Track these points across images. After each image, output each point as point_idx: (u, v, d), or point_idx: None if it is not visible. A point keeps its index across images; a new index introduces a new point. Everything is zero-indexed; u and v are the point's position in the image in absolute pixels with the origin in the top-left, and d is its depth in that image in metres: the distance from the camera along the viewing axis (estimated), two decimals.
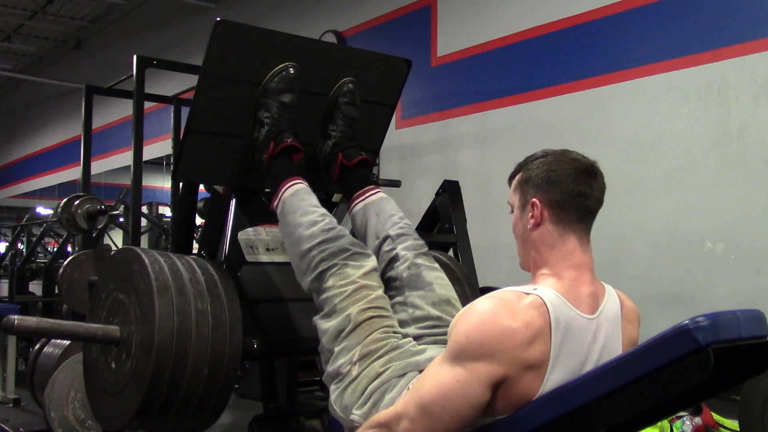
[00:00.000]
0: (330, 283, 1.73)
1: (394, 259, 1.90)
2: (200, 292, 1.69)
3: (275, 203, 1.95)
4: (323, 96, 2.16)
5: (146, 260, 1.67)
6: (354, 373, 1.60)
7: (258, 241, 2.15)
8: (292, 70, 2.04)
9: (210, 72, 2.01)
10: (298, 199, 1.92)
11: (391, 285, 1.87)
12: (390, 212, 2.02)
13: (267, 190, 2.22)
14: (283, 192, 1.94)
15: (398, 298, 1.84)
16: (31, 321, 1.63)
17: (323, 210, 1.90)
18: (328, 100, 2.17)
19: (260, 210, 2.22)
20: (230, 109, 2.05)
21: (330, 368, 1.66)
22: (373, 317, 1.67)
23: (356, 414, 1.56)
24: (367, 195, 2.06)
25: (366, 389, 1.57)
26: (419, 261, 1.89)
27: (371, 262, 1.80)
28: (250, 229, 2.17)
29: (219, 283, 1.75)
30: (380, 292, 1.75)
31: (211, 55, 2.00)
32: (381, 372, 1.58)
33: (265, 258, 2.13)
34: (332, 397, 1.64)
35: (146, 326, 1.61)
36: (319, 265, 1.76)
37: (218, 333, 1.67)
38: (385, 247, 1.94)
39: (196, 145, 2.05)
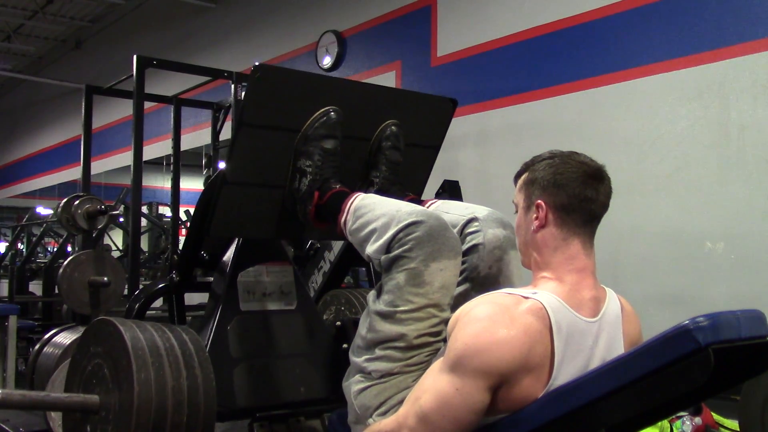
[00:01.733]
0: (401, 279, 1.54)
1: (477, 247, 1.73)
2: (178, 371, 1.66)
3: (342, 218, 1.77)
4: (365, 140, 2.05)
5: (132, 358, 1.64)
6: (384, 379, 1.55)
7: (256, 285, 2.09)
8: (333, 115, 1.91)
9: (248, 120, 1.88)
10: (370, 199, 1.77)
11: (463, 269, 1.72)
12: (464, 205, 1.88)
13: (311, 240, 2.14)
14: (350, 204, 1.77)
15: (463, 288, 1.72)
16: (16, 395, 1.68)
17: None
18: (371, 145, 2.06)
19: (267, 242, 2.18)
20: (268, 159, 1.93)
21: (363, 362, 1.59)
22: (427, 343, 1.55)
23: (375, 420, 1.53)
24: (428, 204, 1.92)
25: (390, 398, 1.53)
26: (504, 260, 1.73)
27: (453, 267, 1.59)
28: (251, 269, 2.10)
29: (196, 359, 1.69)
30: (447, 314, 1.58)
31: (249, 102, 1.88)
32: (410, 386, 1.54)
33: (258, 306, 2.07)
34: (353, 385, 1.59)
35: (125, 398, 1.62)
36: (401, 247, 1.56)
37: (194, 407, 1.64)
38: (470, 229, 1.75)
39: (232, 198, 1.94)
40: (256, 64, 1.87)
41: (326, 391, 2.06)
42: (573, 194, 1.43)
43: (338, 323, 2.24)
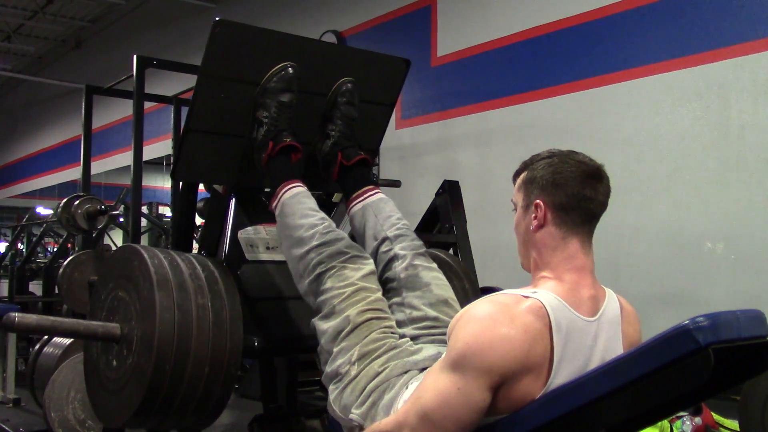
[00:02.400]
0: (328, 284, 1.72)
1: (392, 260, 1.90)
2: (200, 287, 1.69)
3: (274, 204, 1.94)
4: (322, 96, 2.16)
5: (146, 255, 1.67)
6: (353, 372, 1.60)
7: (258, 240, 2.15)
8: (290, 70, 2.03)
9: (209, 72, 2.00)
10: (297, 201, 1.92)
11: (388, 286, 1.87)
12: (388, 213, 2.01)
13: (266, 189, 2.22)
14: (282, 194, 1.94)
15: (396, 299, 1.83)
16: (32, 318, 1.65)
17: (322, 214, 1.90)
18: (327, 100, 2.16)
19: (260, 209, 2.22)
20: (229, 109, 2.04)
21: (329, 369, 1.66)
22: (371, 318, 1.66)
23: (355, 413, 1.55)
24: (365, 196, 2.05)
25: (365, 389, 1.57)
26: (417, 261, 1.89)
27: (369, 265, 1.80)
28: (250, 228, 2.16)
29: (219, 280, 1.75)
30: (379, 294, 1.75)
31: (209, 54, 1.99)
32: (380, 371, 1.58)
33: (265, 256, 2.13)
34: (331, 397, 1.64)
35: (147, 321, 1.61)
36: (317, 267, 1.76)
37: (219, 330, 1.67)
38: (383, 248, 1.93)
39: (195, 144, 2.04)
40: (217, 19, 1.96)
41: None
42: (572, 194, 1.43)
43: None
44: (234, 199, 2.20)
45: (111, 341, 1.70)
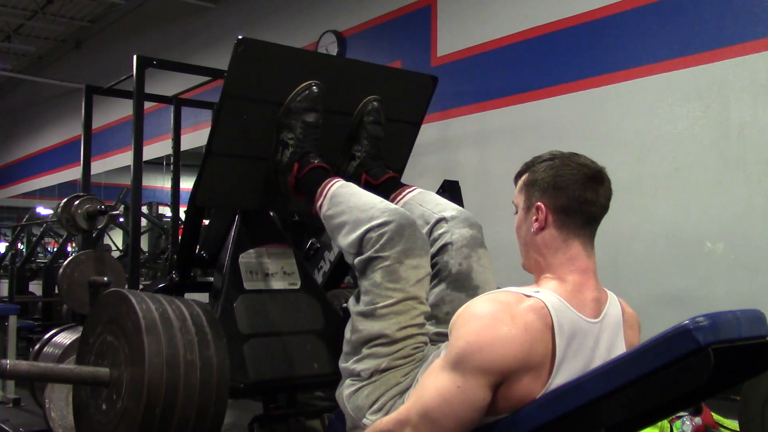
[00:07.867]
0: (378, 277, 1.61)
1: (446, 246, 1.79)
2: (188, 335, 1.66)
3: (318, 203, 1.83)
4: (347, 115, 2.09)
5: (134, 301, 1.65)
6: (374, 377, 1.57)
7: (258, 266, 2.11)
8: (315, 89, 1.96)
9: (232, 92, 1.93)
10: (348, 188, 1.81)
11: (435, 270, 1.78)
12: (436, 200, 1.93)
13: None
14: (328, 189, 1.82)
15: (439, 289, 1.77)
16: (23, 365, 1.68)
17: (381, 198, 1.79)
18: (353, 119, 2.10)
19: (265, 228, 2.19)
20: (252, 131, 1.98)
21: (351, 364, 1.62)
22: (410, 335, 1.60)
23: (370, 419, 1.54)
24: (405, 192, 1.98)
25: (382, 396, 1.56)
26: (473, 257, 1.80)
27: (426, 265, 1.67)
28: (252, 250, 2.12)
29: (207, 328, 1.69)
30: (425, 307, 1.65)
31: (233, 74, 1.92)
32: (401, 381, 1.56)
33: (263, 285, 2.10)
34: (345, 390, 1.62)
35: (136, 366, 1.60)
36: (372, 247, 1.63)
37: (207, 376, 1.63)
38: (438, 230, 1.82)
39: (216, 168, 1.98)
40: (240, 37, 1.90)
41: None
42: (573, 196, 1.43)
43: (345, 305, 2.25)
44: (238, 216, 2.16)
45: (100, 386, 1.71)
